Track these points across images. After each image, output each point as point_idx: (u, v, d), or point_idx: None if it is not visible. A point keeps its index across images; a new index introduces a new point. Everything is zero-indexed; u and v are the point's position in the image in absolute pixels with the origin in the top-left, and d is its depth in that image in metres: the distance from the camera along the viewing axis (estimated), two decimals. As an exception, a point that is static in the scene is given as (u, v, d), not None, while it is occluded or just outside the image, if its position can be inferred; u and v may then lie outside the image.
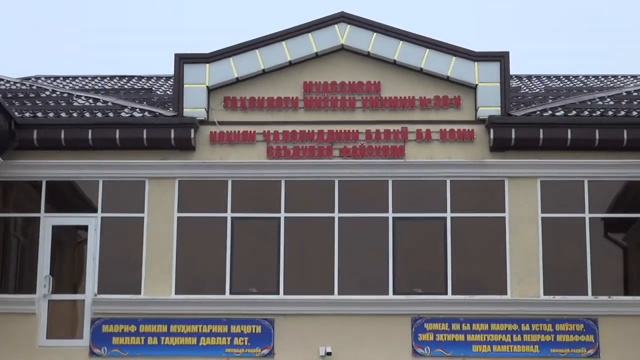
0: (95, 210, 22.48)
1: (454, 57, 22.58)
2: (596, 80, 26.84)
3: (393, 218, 22.33)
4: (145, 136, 22.26)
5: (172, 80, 23.88)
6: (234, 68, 22.66)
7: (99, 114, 22.77)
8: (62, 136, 22.23)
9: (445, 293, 21.98)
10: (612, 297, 21.85)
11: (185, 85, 22.60)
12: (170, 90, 24.12)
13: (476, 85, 22.43)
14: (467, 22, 59.43)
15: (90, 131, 22.26)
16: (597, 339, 21.57)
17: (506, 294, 21.85)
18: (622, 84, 25.61)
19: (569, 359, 21.51)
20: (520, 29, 58.77)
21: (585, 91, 24.69)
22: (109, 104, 23.43)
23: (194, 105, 22.52)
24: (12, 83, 25.08)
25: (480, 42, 58.07)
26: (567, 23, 60.75)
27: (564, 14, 61.45)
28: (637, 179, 22.19)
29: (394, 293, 22.03)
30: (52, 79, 27.36)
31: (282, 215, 22.40)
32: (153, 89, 25.97)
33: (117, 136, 22.25)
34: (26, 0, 60.38)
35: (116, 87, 26.60)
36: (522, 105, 23.19)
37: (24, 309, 21.94)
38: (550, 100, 23.62)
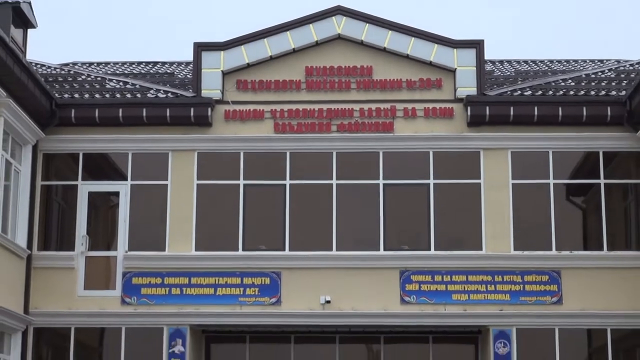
0: (126, 179, 22.56)
1: (436, 45, 22.63)
2: (559, 64, 26.86)
3: (383, 184, 22.40)
4: (168, 114, 22.34)
5: (191, 65, 23.87)
6: (245, 55, 22.71)
7: (128, 95, 22.87)
8: (96, 114, 22.31)
9: (429, 249, 22.07)
10: (573, 252, 21.92)
11: (202, 70, 22.65)
12: (190, 74, 24.13)
13: (455, 68, 22.48)
14: (447, 11, 59.29)
15: (120, 110, 22.36)
16: (560, 288, 21.67)
17: (481, 249, 21.95)
18: (582, 67, 25.65)
19: (535, 305, 21.58)
20: (495, 18, 58.67)
21: (549, 74, 24.72)
22: (137, 86, 23.52)
23: (211, 87, 22.58)
24: (52, 68, 25.13)
25: (459, 30, 58.09)
26: (534, 13, 60.64)
27: (533, 4, 61.33)
28: (595, 150, 22.28)
29: (385, 249, 22.13)
30: (87, 64, 27.39)
31: (287, 182, 22.47)
32: (175, 73, 26.01)
33: (144, 114, 22.33)
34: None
35: (143, 71, 26.63)
36: (495, 86, 23.19)
37: (64, 264, 22.05)
38: (519, 82, 23.66)
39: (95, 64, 27.58)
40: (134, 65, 27.67)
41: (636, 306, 21.38)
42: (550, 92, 22.56)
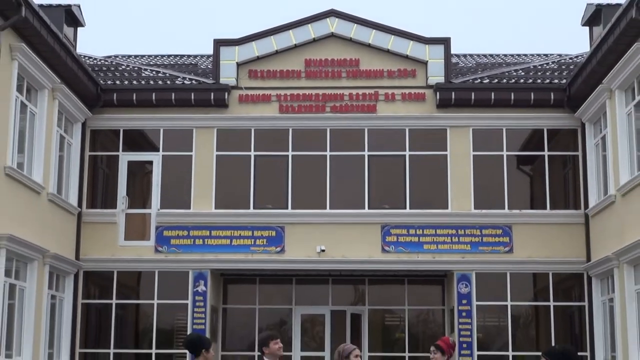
0: (158, 150, 22.60)
1: (411, 41, 22.63)
2: (512, 57, 26.87)
3: (368, 155, 22.43)
4: (192, 97, 22.38)
5: (211, 57, 23.88)
6: (255, 49, 22.70)
7: (160, 82, 22.92)
8: (134, 97, 22.34)
9: (405, 208, 22.15)
10: (522, 211, 22.05)
11: (221, 62, 22.65)
12: (210, 65, 24.12)
13: (427, 61, 22.47)
14: (421, 12, 59.20)
15: (153, 94, 22.39)
16: (511, 240, 21.78)
17: (447, 208, 22.00)
18: (530, 60, 25.66)
19: (491, 254, 21.69)
20: (460, 17, 58.58)
21: (504, 65, 24.75)
22: (167, 74, 23.55)
23: (227, 75, 22.58)
24: (97, 60, 25.12)
25: (431, 28, 58.01)
26: (491, 15, 60.53)
27: (491, 4, 61.22)
28: (540, 127, 22.36)
29: (369, 208, 22.20)
30: (126, 56, 27.39)
31: (290, 153, 22.50)
32: (198, 64, 26.02)
33: (173, 97, 22.36)
34: (104, -1, 60.12)
35: (171, 62, 26.63)
36: (459, 75, 23.16)
37: (108, 220, 22.14)
38: (479, 72, 23.68)
39: (133, 56, 27.59)
40: (164, 57, 27.68)
41: (572, 254, 21.53)
42: (504, 80, 22.61)
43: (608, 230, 20.01)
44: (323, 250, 21.81)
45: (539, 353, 18.88)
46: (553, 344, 20.47)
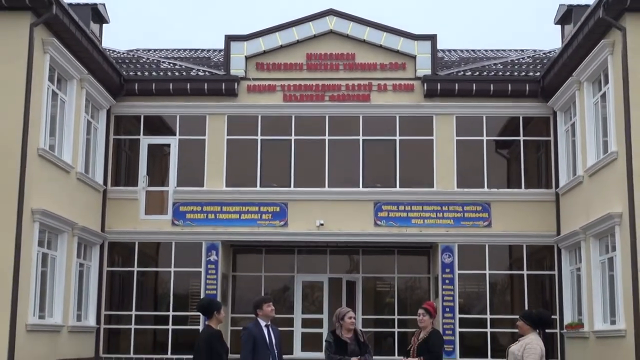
0: (175, 134, 22.56)
1: (402, 38, 22.57)
2: (491, 52, 26.78)
3: (362, 140, 22.40)
4: (205, 87, 22.33)
5: (222, 51, 23.82)
6: (262, 44, 22.63)
7: (176, 73, 22.83)
8: (153, 87, 22.29)
9: (395, 187, 22.13)
10: (499, 189, 22.05)
11: (231, 55, 22.57)
12: (222, 58, 24.04)
13: (415, 55, 22.41)
14: (411, 10, 59.04)
15: (171, 84, 22.36)
16: (490, 215, 21.81)
17: (433, 187, 21.99)
18: (508, 55, 25.56)
19: (472, 228, 21.73)
20: (445, 16, 58.49)
21: (484, 59, 24.65)
22: (183, 66, 23.46)
23: (237, 67, 22.50)
24: (120, 53, 25.05)
25: (419, 26, 57.75)
26: (475, 11, 60.41)
27: (474, 5, 61.07)
28: (516, 115, 22.34)
29: (363, 186, 22.19)
30: (146, 50, 27.28)
31: (292, 137, 22.47)
32: (210, 57, 25.93)
33: (188, 87, 22.32)
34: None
35: (187, 56, 26.52)
36: (444, 68, 23.03)
37: (130, 196, 22.14)
38: (462, 65, 23.58)
39: (152, 50, 27.48)
40: (180, 51, 27.58)
41: (544, 229, 21.59)
42: (485, 73, 22.56)
43: (576, 207, 20.03)
44: (322, 224, 21.83)
45: (514, 316, 18.95)
46: (527, 308, 20.54)
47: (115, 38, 54.01)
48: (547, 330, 9.41)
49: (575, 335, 20.02)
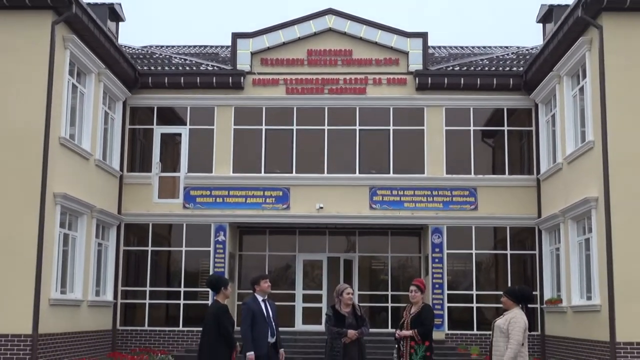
0: (186, 124, 22.50)
1: (395, 35, 22.51)
2: (478, 49, 26.74)
3: (359, 129, 22.38)
4: (214, 81, 22.25)
5: (230, 48, 23.80)
6: (266, 41, 22.55)
7: (187, 68, 22.79)
8: (166, 81, 22.25)
9: (389, 173, 22.13)
10: (485, 175, 22.02)
11: (237, 51, 22.48)
12: (229, 54, 24.01)
13: (408, 51, 22.35)
14: (404, 9, 58.93)
15: (182, 78, 22.30)
16: (476, 199, 21.81)
17: (424, 173, 21.98)
18: (493, 51, 25.54)
19: (459, 211, 21.73)
20: (436, 15, 58.36)
21: (471, 55, 24.64)
22: (193, 61, 23.42)
23: (243, 63, 22.44)
24: (135, 49, 25.01)
25: (412, 24, 57.57)
26: (463, 11, 60.27)
27: (462, 4, 60.93)
28: (501, 107, 22.28)
29: (359, 172, 22.17)
30: (159, 46, 27.23)
31: (294, 127, 22.42)
32: (218, 53, 25.88)
33: (198, 81, 22.27)
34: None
35: (197, 52, 26.46)
36: (434, 63, 23.01)
37: (144, 181, 22.13)
38: (451, 61, 23.56)
39: (165, 46, 27.44)
40: (190, 47, 27.52)
41: (526, 212, 21.61)
42: (472, 68, 22.52)
43: (555, 192, 20.05)
44: (321, 207, 21.83)
45: (498, 292, 18.97)
46: (510, 285, 20.59)
47: (131, 35, 54.03)
48: (528, 305, 9.43)
49: (555, 310, 20.07)
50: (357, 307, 10.72)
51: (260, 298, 10.14)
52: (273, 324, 10.11)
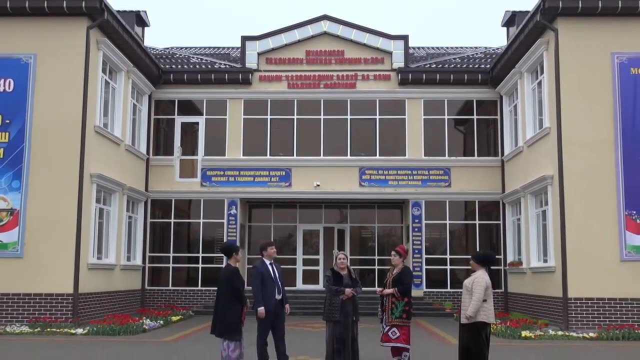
0: (202, 114, 22.46)
1: (381, 37, 22.44)
2: (451, 49, 26.63)
3: (350, 119, 22.36)
4: (226, 77, 22.19)
5: (239, 49, 23.72)
6: (270, 43, 22.46)
7: (203, 66, 22.68)
8: (185, 77, 22.18)
9: (376, 155, 22.13)
10: (457, 157, 22.05)
11: (246, 52, 22.39)
12: (239, 54, 23.92)
13: (392, 51, 22.28)
14: (389, 14, 58.60)
15: (199, 75, 22.22)
16: (450, 178, 21.82)
17: (405, 155, 21.99)
18: (464, 51, 25.44)
19: (435, 188, 21.74)
20: (415, 20, 58.09)
21: (446, 55, 24.54)
22: (208, 60, 23.32)
23: (251, 61, 22.37)
24: (158, 50, 24.89)
25: (395, 27, 57.36)
26: (438, 16, 59.90)
27: (438, 11, 60.53)
28: (471, 99, 22.25)
29: (350, 155, 22.18)
30: (179, 48, 27.06)
31: (295, 117, 22.37)
32: (229, 53, 25.74)
33: (212, 77, 22.19)
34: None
35: (211, 52, 26.33)
36: (414, 61, 22.96)
37: (167, 163, 22.09)
38: (429, 59, 23.53)
39: (184, 48, 27.28)
40: (206, 49, 27.37)
41: (492, 188, 21.67)
42: (446, 65, 22.44)
43: (517, 171, 20.09)
44: (318, 185, 21.86)
45: (468, 256, 19.04)
46: (477, 250, 20.69)
47: (155, 38, 53.86)
48: (492, 268, 9.48)
49: (516, 271, 20.18)
50: (352, 271, 10.79)
51: (267, 262, 10.18)
52: (279, 283, 10.15)
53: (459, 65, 22.44)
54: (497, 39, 61.02)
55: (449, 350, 11.92)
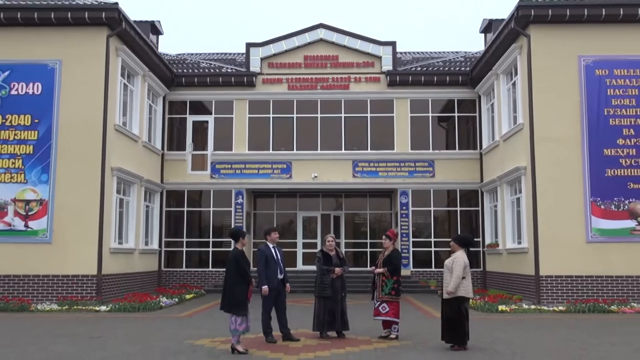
0: (211, 114, 22.43)
1: (372, 43, 22.40)
2: (435, 54, 26.53)
3: (344, 117, 22.32)
4: (233, 80, 22.16)
5: (244, 54, 23.68)
6: (272, 49, 22.43)
7: (212, 70, 22.66)
8: (196, 80, 22.15)
9: (367, 149, 22.12)
10: (440, 151, 22.05)
11: (250, 57, 22.34)
12: (244, 59, 23.89)
13: (381, 56, 22.26)
14: (379, 22, 58.43)
15: (208, 78, 22.17)
16: (434, 169, 21.83)
17: (394, 149, 22.00)
18: (446, 55, 25.41)
19: (421, 178, 21.78)
20: (402, 27, 57.93)
21: (429, 59, 24.52)
22: (216, 65, 23.27)
23: (255, 66, 22.33)
24: (171, 56, 24.82)
25: (384, 34, 57.14)
26: (424, 24, 59.76)
27: (424, 19, 60.36)
28: (452, 98, 22.27)
29: (345, 149, 22.16)
30: (190, 54, 27.01)
31: (295, 115, 22.32)
32: (235, 59, 25.69)
33: (220, 80, 22.15)
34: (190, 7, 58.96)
35: (219, 58, 26.17)
36: (401, 65, 22.93)
37: (180, 158, 22.09)
38: (414, 63, 23.53)
39: (194, 54, 27.18)
40: (214, 54, 27.28)
41: (472, 178, 21.70)
42: (430, 68, 22.40)
43: (494, 162, 20.10)
44: (316, 176, 21.86)
45: (450, 239, 19.10)
46: (459, 233, 20.73)
47: (168, 45, 53.55)
48: (471, 249, 9.53)
49: (493, 252, 20.23)
50: (340, 252, 10.84)
51: (271, 245, 10.21)
52: (281, 264, 10.19)
53: (441, 68, 22.40)
54: (476, 44, 60.47)
55: (433, 323, 11.98)
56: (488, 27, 24.07)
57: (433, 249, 21.80)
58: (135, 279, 18.92)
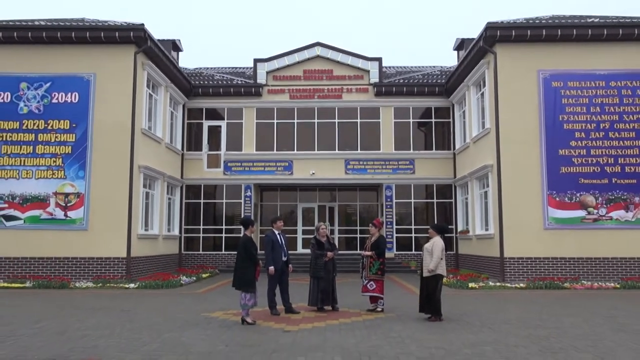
0: (224, 119, 22.36)
1: (361, 59, 22.35)
2: (415, 68, 26.49)
3: (337, 122, 22.29)
4: (242, 90, 22.10)
5: (252, 68, 23.62)
6: (276, 64, 22.38)
7: (224, 82, 22.58)
8: (210, 90, 22.09)
9: (357, 150, 22.05)
10: (420, 151, 22.02)
11: (257, 71, 22.29)
12: (251, 72, 23.86)
13: (369, 70, 22.22)
14: (368, 40, 58.28)
15: (221, 89, 22.12)
16: (414, 167, 21.81)
17: (380, 150, 21.94)
18: (425, 69, 25.35)
19: (403, 175, 21.74)
20: (386, 45, 57.80)
21: (410, 72, 24.49)
22: (228, 77, 23.21)
23: (261, 78, 22.28)
24: (190, 70, 24.74)
25: (371, 50, 56.99)
26: (405, 42, 59.61)
27: (405, 38, 60.21)
28: (430, 106, 22.22)
29: (338, 150, 22.09)
30: (206, 68, 26.92)
31: (295, 121, 22.25)
32: (245, 72, 25.65)
33: (232, 90, 22.10)
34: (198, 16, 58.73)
35: (231, 71, 26.12)
36: (386, 77, 22.85)
37: (198, 157, 22.04)
38: (397, 76, 23.46)
39: (210, 68, 27.09)
40: (226, 68, 27.18)
41: (446, 174, 21.67)
42: (411, 80, 22.39)
43: (465, 161, 20.12)
44: (313, 173, 21.82)
45: (428, 227, 19.13)
46: (435, 222, 20.76)
47: (187, 60, 53.36)
48: (446, 235, 9.56)
49: (464, 238, 20.27)
50: (330, 237, 10.91)
51: (276, 232, 10.23)
52: (285, 248, 10.22)
53: (420, 81, 22.38)
54: (450, 59, 60.43)
55: (414, 298, 12.03)
56: (460, 45, 24.06)
57: (413, 235, 21.82)
58: (159, 261, 18.92)
